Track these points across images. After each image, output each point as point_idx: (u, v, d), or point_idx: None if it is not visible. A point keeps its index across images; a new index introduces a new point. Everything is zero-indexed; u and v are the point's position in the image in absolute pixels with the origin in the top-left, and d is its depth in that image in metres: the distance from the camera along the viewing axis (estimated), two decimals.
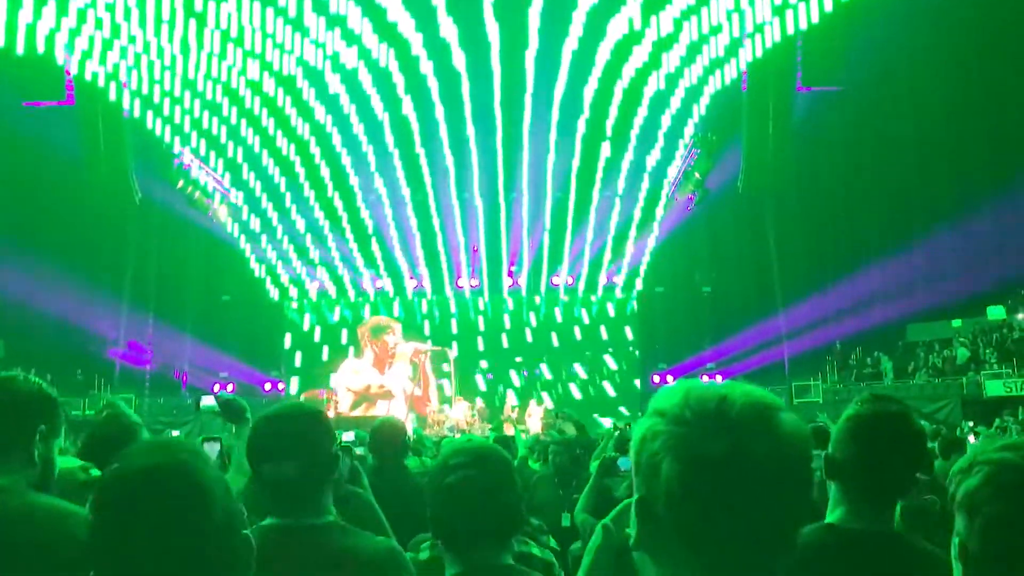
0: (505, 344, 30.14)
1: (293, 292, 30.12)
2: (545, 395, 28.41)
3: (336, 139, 25.02)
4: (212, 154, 25.44)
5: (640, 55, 22.14)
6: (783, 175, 26.26)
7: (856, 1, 21.78)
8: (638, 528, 1.18)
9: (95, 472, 2.70)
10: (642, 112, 24.21)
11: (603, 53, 22.42)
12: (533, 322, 30.35)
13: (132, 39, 20.98)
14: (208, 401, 3.75)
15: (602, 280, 29.53)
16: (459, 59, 22.66)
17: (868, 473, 2.21)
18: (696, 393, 1.18)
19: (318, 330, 30.70)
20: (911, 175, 26.94)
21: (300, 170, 25.88)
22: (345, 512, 2.98)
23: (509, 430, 22.89)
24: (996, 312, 25.97)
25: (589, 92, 23.69)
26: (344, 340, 29.43)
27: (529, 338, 30.34)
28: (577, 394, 29.13)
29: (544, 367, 29.92)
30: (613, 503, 4.91)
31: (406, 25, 21.46)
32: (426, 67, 22.51)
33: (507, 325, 30.39)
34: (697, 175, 26.10)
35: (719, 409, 1.14)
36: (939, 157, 26.62)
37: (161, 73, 21.73)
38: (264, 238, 28.00)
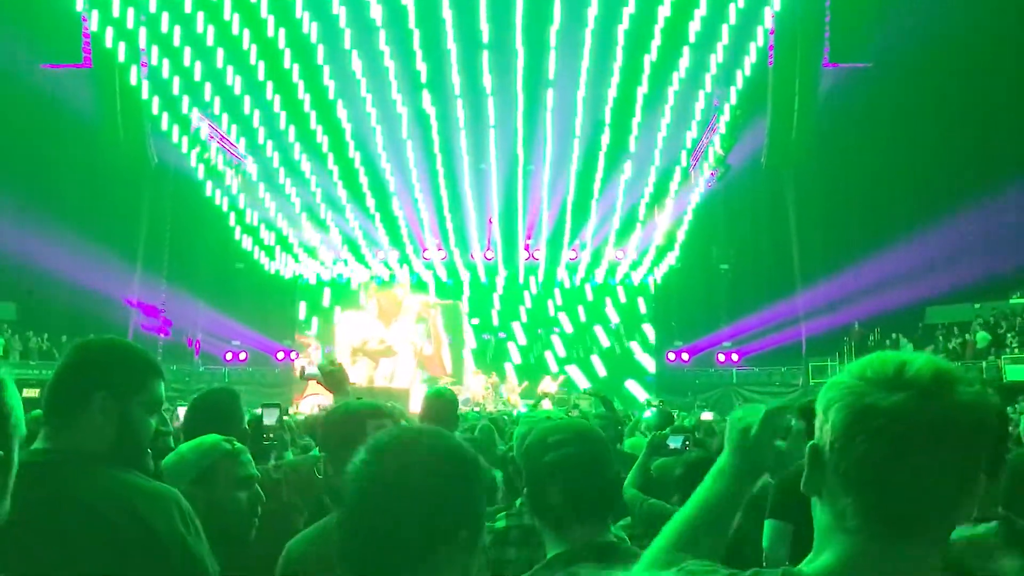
0: (524, 318, 29.80)
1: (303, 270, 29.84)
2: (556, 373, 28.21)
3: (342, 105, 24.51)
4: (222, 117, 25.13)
5: (666, 27, 21.61)
6: (807, 152, 25.92)
7: None
8: (807, 472, 1.27)
9: (238, 445, 2.75)
10: (663, 86, 23.63)
11: (626, 25, 21.93)
12: (556, 296, 30.02)
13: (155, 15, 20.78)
14: (312, 369, 3.98)
15: (619, 256, 29.22)
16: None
17: None
18: (882, 357, 1.24)
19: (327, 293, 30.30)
20: (935, 155, 26.56)
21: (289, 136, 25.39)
22: None
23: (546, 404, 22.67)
24: (1019, 300, 25.77)
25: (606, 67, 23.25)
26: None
27: (547, 311, 30.03)
28: (601, 371, 28.90)
29: (556, 341, 29.66)
30: (650, 480, 5.12)
31: None
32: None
33: (525, 299, 30.05)
34: (720, 150, 25.75)
35: (898, 369, 1.20)
36: (964, 137, 26.21)
37: (181, 44, 21.41)
38: (273, 207, 27.57)
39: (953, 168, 26.26)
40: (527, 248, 28.61)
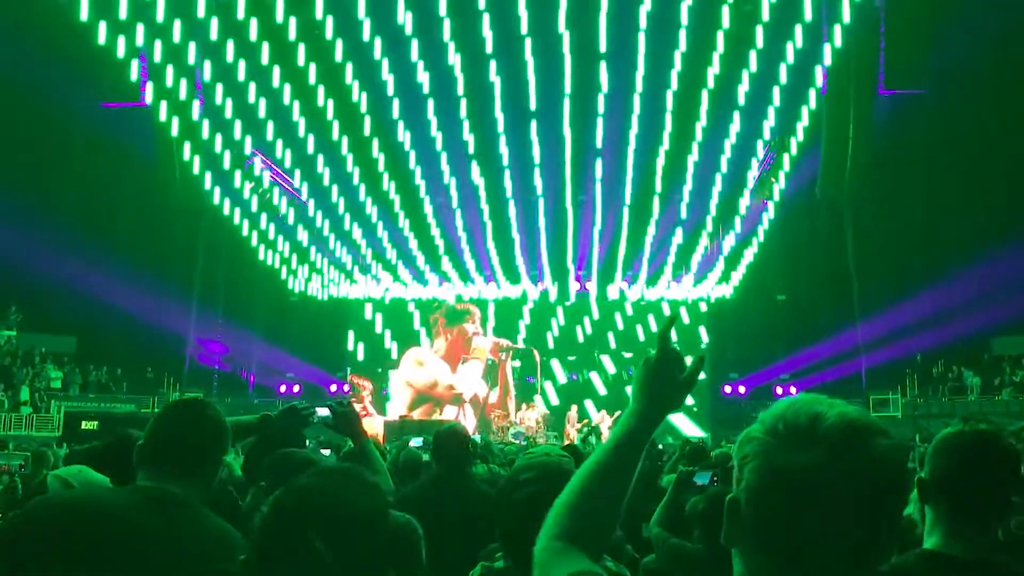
0: (551, 345, 29.45)
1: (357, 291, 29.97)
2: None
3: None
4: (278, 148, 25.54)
5: (720, 58, 21.34)
6: (863, 180, 25.38)
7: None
8: (726, 524, 1.23)
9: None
10: (718, 117, 23.33)
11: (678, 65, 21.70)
12: (590, 327, 29.69)
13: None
14: (323, 412, 3.81)
15: (672, 286, 28.94)
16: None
17: (962, 493, 2.17)
18: (795, 407, 1.22)
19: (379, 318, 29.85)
20: (997, 181, 25.83)
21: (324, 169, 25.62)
22: None
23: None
24: None
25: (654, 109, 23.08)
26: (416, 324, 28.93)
27: (587, 341, 29.69)
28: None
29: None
30: (681, 518, 4.81)
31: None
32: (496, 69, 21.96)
33: (555, 330, 29.77)
34: (773, 180, 25.38)
35: (810, 424, 1.18)
36: None
37: (233, 116, 21.95)
38: (332, 238, 27.92)
39: (1017, 192, 25.49)
40: (578, 278, 28.44)
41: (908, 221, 26.89)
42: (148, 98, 21.86)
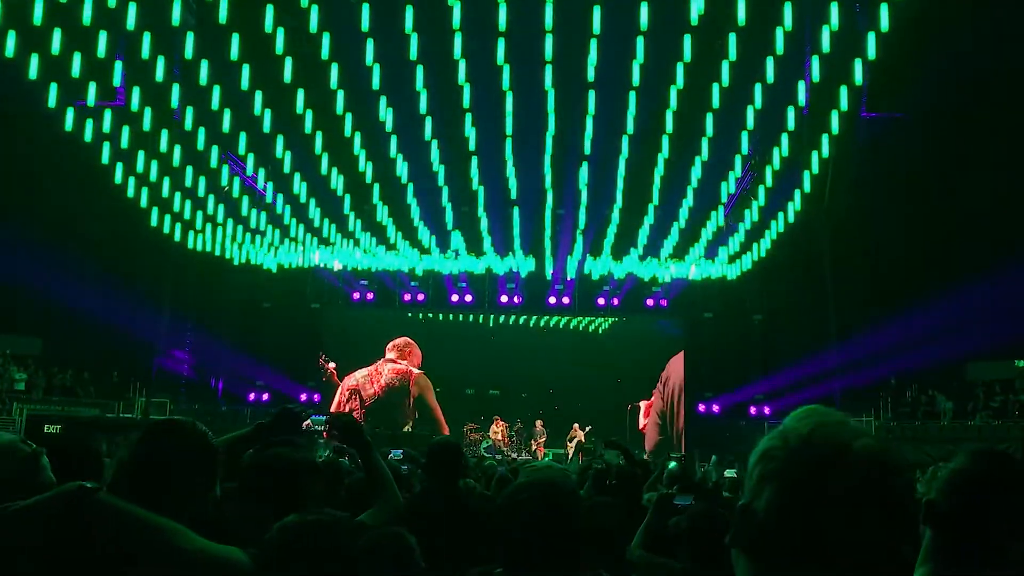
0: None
1: None
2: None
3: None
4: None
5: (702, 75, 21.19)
6: (841, 202, 25.36)
7: (925, 28, 21.06)
8: (737, 529, 1.27)
9: (35, 446, 2.79)
10: (700, 134, 23.18)
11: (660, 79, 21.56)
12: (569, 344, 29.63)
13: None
14: (311, 424, 3.66)
15: (649, 306, 28.85)
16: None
17: (980, 523, 2.12)
18: (821, 432, 1.24)
19: None
20: (976, 205, 25.86)
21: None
22: None
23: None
24: None
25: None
26: None
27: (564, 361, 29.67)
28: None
29: None
30: (664, 539, 4.83)
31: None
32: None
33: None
34: (753, 199, 25.29)
35: (837, 456, 1.21)
36: (1007, 188, 25.52)
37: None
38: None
39: (996, 219, 25.57)
40: (554, 292, 28.28)
41: (887, 244, 26.89)
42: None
